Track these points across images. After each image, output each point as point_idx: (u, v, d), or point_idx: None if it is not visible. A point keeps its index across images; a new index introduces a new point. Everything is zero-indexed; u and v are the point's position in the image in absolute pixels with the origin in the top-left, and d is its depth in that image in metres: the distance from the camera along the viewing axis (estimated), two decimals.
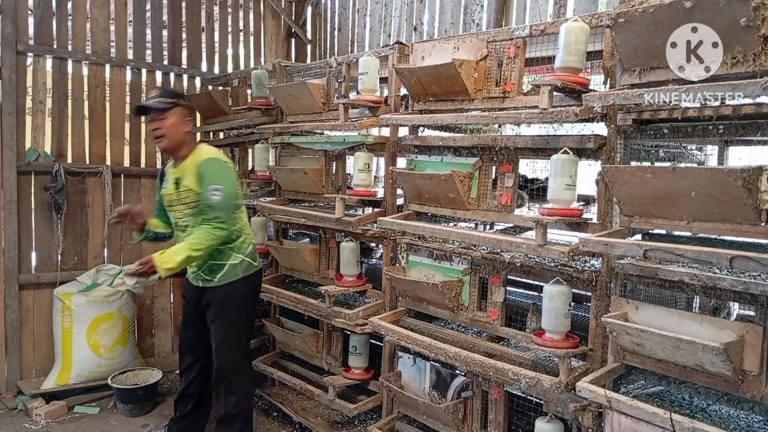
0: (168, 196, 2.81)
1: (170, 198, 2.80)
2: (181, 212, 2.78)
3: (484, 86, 2.40)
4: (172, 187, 2.78)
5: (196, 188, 2.68)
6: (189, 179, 2.71)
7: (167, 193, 2.81)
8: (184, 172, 2.74)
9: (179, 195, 2.76)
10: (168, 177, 2.84)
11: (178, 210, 2.79)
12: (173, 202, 2.79)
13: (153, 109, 2.67)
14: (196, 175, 2.68)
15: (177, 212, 2.80)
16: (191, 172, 2.70)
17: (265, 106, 3.70)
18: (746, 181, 1.50)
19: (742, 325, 1.64)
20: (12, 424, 3.47)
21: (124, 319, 3.89)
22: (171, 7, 4.49)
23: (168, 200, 2.82)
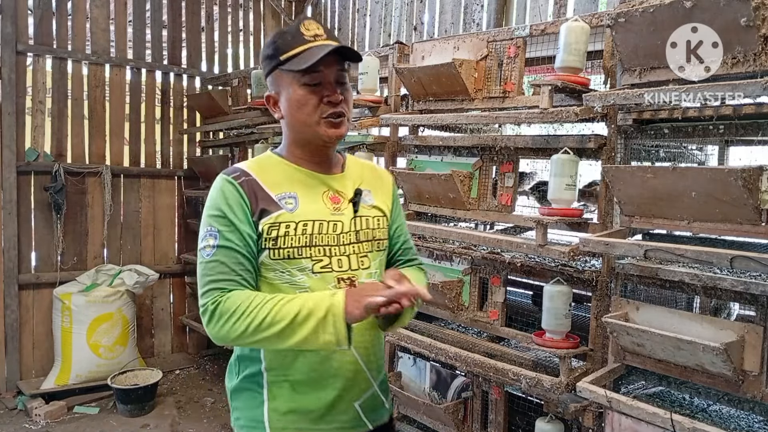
0: (321, 226, 1.31)
1: (331, 230, 1.32)
2: (358, 254, 1.35)
3: (484, 86, 2.40)
4: (336, 208, 1.34)
5: (389, 213, 1.45)
6: (380, 196, 1.44)
7: (318, 218, 1.31)
8: (360, 182, 1.41)
9: (359, 223, 1.36)
10: (301, 189, 1.33)
11: (349, 250, 1.33)
12: (340, 238, 1.32)
13: (354, 59, 1.35)
14: (390, 192, 1.49)
15: (342, 256, 1.32)
16: (377, 183, 1.45)
17: (265, 106, 3.69)
18: (746, 181, 1.50)
19: (743, 325, 1.64)
20: (12, 424, 3.47)
21: (124, 319, 3.89)
22: (171, 6, 4.49)
23: (321, 236, 1.30)
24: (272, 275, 1.27)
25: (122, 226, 4.32)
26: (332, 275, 1.28)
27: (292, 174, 1.34)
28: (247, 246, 1.24)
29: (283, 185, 1.31)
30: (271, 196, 1.28)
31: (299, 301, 1.19)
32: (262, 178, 1.30)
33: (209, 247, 1.24)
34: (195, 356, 4.65)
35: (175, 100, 4.61)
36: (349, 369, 1.31)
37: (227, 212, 1.25)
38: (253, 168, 1.33)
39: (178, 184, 4.62)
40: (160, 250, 4.54)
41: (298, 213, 1.28)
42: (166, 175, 4.55)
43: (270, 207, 1.27)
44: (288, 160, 1.36)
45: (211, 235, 1.25)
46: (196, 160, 4.56)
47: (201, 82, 4.68)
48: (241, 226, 1.24)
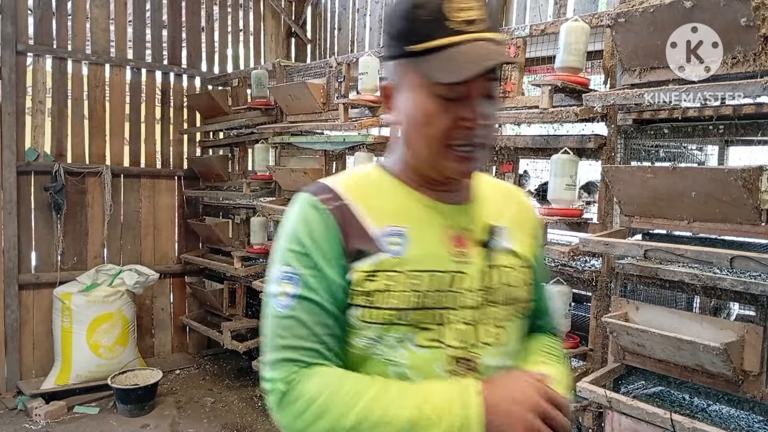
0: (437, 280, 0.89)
1: (450, 285, 0.90)
2: (487, 324, 0.93)
3: None
4: (461, 253, 0.92)
5: (532, 259, 1.03)
6: (521, 236, 1.02)
7: (434, 267, 0.89)
8: (495, 215, 0.99)
9: (493, 277, 0.94)
10: (414, 223, 0.92)
11: (474, 317, 0.91)
12: (463, 298, 0.90)
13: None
14: (533, 231, 1.06)
15: (461, 324, 0.90)
16: (518, 218, 1.03)
17: (265, 106, 3.70)
18: (746, 181, 1.50)
19: (743, 325, 1.64)
20: (12, 424, 3.47)
21: (124, 319, 3.89)
22: (171, 6, 4.49)
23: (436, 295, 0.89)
24: (358, 343, 0.88)
25: (122, 226, 4.32)
26: (443, 353, 0.87)
27: (403, 200, 0.93)
28: (335, 301, 0.87)
29: (389, 216, 0.90)
30: (370, 231, 0.88)
31: (413, 404, 0.80)
32: (362, 202, 0.91)
33: (285, 296, 0.87)
34: (195, 356, 4.65)
35: (175, 100, 4.61)
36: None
37: (312, 250, 0.87)
38: (349, 188, 0.93)
39: (178, 184, 4.62)
40: (160, 250, 4.54)
41: (408, 259, 0.87)
42: (166, 175, 4.55)
43: (368, 247, 0.87)
44: (400, 179, 0.95)
45: (288, 279, 0.88)
46: (196, 160, 4.56)
47: (201, 82, 4.68)
48: (330, 272, 0.87)
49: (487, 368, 0.89)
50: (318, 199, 0.91)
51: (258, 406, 3.78)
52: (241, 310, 4.09)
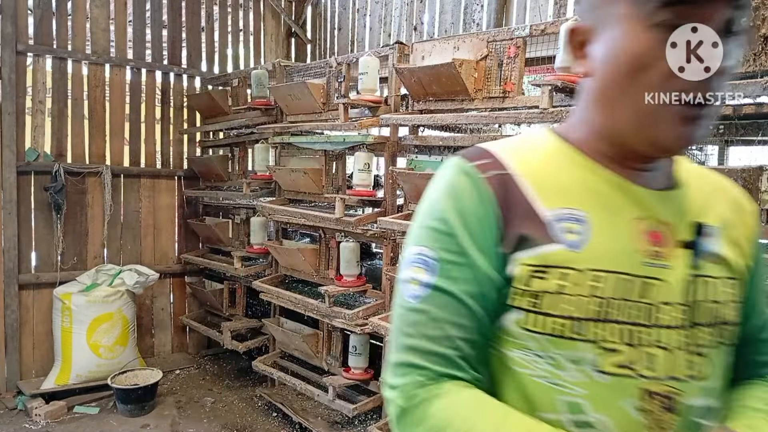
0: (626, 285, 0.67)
1: (641, 294, 0.67)
2: (688, 349, 0.68)
3: (484, 86, 2.40)
4: (656, 254, 0.69)
5: (746, 272, 0.77)
6: (732, 243, 0.75)
7: (622, 269, 0.67)
8: (704, 210, 0.75)
9: (699, 290, 0.70)
10: (596, 207, 0.70)
11: (672, 339, 0.68)
12: (657, 312, 0.67)
13: None
14: (752, 234, 0.79)
15: (656, 348, 0.67)
16: (733, 217, 0.77)
17: (265, 106, 3.70)
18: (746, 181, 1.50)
19: None
20: (12, 424, 3.47)
21: (124, 319, 3.89)
22: (171, 6, 4.49)
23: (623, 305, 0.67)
24: (515, 356, 0.69)
25: (122, 226, 4.32)
26: (634, 383, 0.66)
27: (584, 177, 0.71)
28: (482, 298, 0.68)
29: (565, 195, 0.70)
30: (540, 212, 0.68)
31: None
32: (530, 175, 0.71)
33: (417, 284, 0.70)
34: (195, 356, 4.65)
35: (175, 100, 4.61)
36: None
37: (459, 229, 0.68)
38: (514, 155, 0.73)
39: (178, 184, 4.62)
40: (161, 250, 4.54)
41: (588, 254, 0.67)
42: (166, 175, 4.55)
43: (536, 233, 0.68)
44: (580, 150, 0.73)
45: (423, 264, 0.70)
46: (196, 160, 4.56)
47: (201, 82, 4.68)
48: (479, 260, 0.68)
49: (689, 409, 0.67)
50: (473, 165, 0.71)
51: (258, 406, 3.78)
52: (241, 310, 4.10)
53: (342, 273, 3.09)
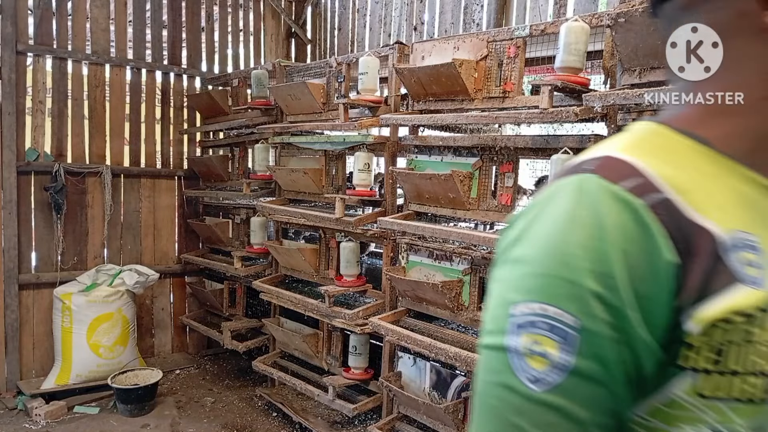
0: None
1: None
2: None
3: (484, 86, 2.40)
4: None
5: None
6: None
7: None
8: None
9: None
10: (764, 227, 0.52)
11: None
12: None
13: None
14: None
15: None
16: None
17: (265, 106, 3.70)
18: None
19: None
20: (12, 424, 3.47)
21: (124, 319, 3.89)
22: (171, 6, 4.49)
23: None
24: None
25: (122, 226, 4.32)
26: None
27: (739, 186, 0.55)
28: (630, 381, 0.49)
29: (731, 213, 0.52)
30: (711, 239, 0.50)
31: None
32: (686, 190, 0.51)
33: (544, 364, 0.48)
34: (195, 356, 4.65)
35: (175, 100, 4.61)
36: None
37: (612, 290, 0.47)
38: (658, 165, 0.52)
39: (178, 184, 4.62)
40: (161, 250, 4.55)
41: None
42: (166, 175, 4.55)
43: (718, 275, 0.49)
44: (726, 152, 0.55)
45: (552, 334, 0.48)
46: (196, 160, 4.56)
47: (201, 82, 4.68)
48: (642, 333, 0.48)
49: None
50: (623, 187, 0.49)
51: (258, 405, 3.78)
52: (241, 310, 4.10)
53: (342, 273, 3.09)
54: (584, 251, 0.47)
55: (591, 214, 0.48)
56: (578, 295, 0.47)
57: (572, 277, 0.47)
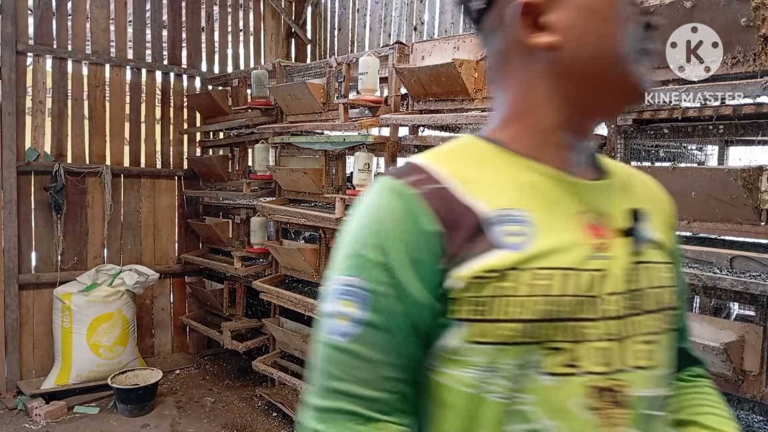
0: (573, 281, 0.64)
1: (588, 288, 0.64)
2: (635, 337, 0.67)
3: (484, 86, 2.40)
4: (600, 246, 0.67)
5: (672, 253, 0.78)
6: (659, 227, 0.76)
7: (570, 264, 0.64)
8: (632, 197, 0.75)
9: (641, 277, 0.69)
10: (539, 204, 0.67)
11: (619, 329, 0.66)
12: (603, 305, 0.65)
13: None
14: (671, 221, 0.83)
15: (603, 341, 0.65)
16: (651, 203, 0.78)
17: (265, 106, 3.70)
18: (746, 181, 1.50)
19: (743, 325, 1.64)
20: (12, 424, 3.47)
21: (124, 319, 3.89)
22: (171, 7, 4.49)
23: (571, 303, 0.63)
24: (466, 377, 0.63)
25: (122, 226, 4.32)
26: (580, 381, 0.63)
27: (523, 175, 0.69)
28: (417, 331, 0.63)
29: (503, 195, 0.67)
30: (480, 215, 0.64)
31: None
32: (466, 180, 0.67)
33: (346, 320, 0.63)
34: (195, 356, 4.65)
35: (175, 100, 4.61)
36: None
37: (394, 258, 0.63)
38: (449, 164, 0.69)
39: (178, 184, 4.62)
40: (161, 250, 4.55)
41: (530, 253, 0.63)
42: (166, 175, 4.55)
43: (478, 240, 0.63)
44: (515, 149, 0.70)
45: (353, 296, 0.64)
46: (196, 160, 4.56)
47: (201, 82, 4.68)
48: (414, 289, 0.62)
49: (640, 401, 0.65)
50: (404, 182, 0.65)
51: (258, 405, 3.78)
52: (241, 309, 4.10)
53: None
54: (368, 231, 0.65)
55: (375, 204, 0.66)
56: (365, 265, 0.63)
57: (362, 252, 0.64)
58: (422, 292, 0.62)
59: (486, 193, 0.66)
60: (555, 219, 0.66)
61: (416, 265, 0.62)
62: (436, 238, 0.63)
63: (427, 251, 0.62)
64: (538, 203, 0.66)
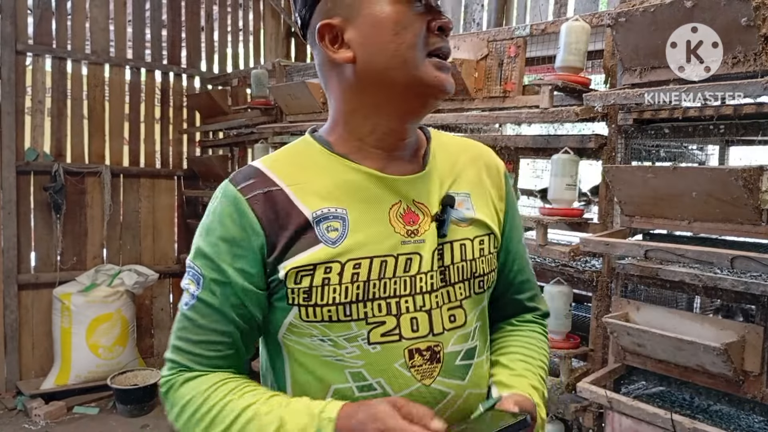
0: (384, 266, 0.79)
1: (402, 270, 0.80)
2: (446, 306, 0.84)
3: (484, 86, 2.40)
4: (411, 232, 0.82)
5: (499, 225, 0.93)
6: (487, 198, 0.91)
7: (379, 253, 0.79)
8: (452, 179, 0.89)
9: (449, 255, 0.84)
10: (355, 202, 0.81)
11: (431, 301, 0.82)
12: (416, 282, 0.81)
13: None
14: (503, 189, 0.95)
15: (418, 312, 0.81)
16: (482, 176, 0.92)
17: (265, 105, 3.69)
18: (747, 181, 1.50)
19: (743, 325, 1.64)
20: (11, 424, 3.47)
21: (123, 319, 3.89)
22: (170, 6, 4.49)
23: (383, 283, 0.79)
24: (308, 343, 0.80)
25: (122, 226, 4.32)
26: (400, 346, 0.78)
27: (342, 175, 0.81)
28: (242, 308, 0.80)
29: (325, 196, 0.79)
30: (305, 217, 0.78)
31: (272, 421, 0.73)
32: (297, 184, 0.80)
33: (188, 294, 0.82)
34: None
35: (175, 99, 4.61)
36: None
37: (218, 253, 0.79)
38: (280, 169, 0.82)
39: (177, 184, 4.61)
40: (160, 250, 4.54)
41: (346, 246, 0.77)
42: (166, 175, 4.55)
43: (302, 238, 0.77)
44: (337, 152, 0.83)
45: (193, 277, 0.82)
46: (196, 160, 4.56)
47: (201, 81, 4.68)
48: (237, 280, 0.78)
49: (451, 355, 0.82)
50: (238, 188, 0.80)
51: None
52: None
53: None
54: (206, 229, 0.82)
55: (214, 206, 0.82)
56: (202, 255, 0.80)
57: (200, 245, 0.81)
58: (246, 279, 0.79)
59: (311, 194, 0.80)
60: (369, 213, 0.80)
61: (239, 259, 0.78)
62: (258, 237, 0.78)
63: (249, 248, 0.78)
64: (356, 200, 0.80)
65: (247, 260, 0.79)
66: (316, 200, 0.79)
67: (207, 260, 0.80)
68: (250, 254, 0.78)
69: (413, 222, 0.81)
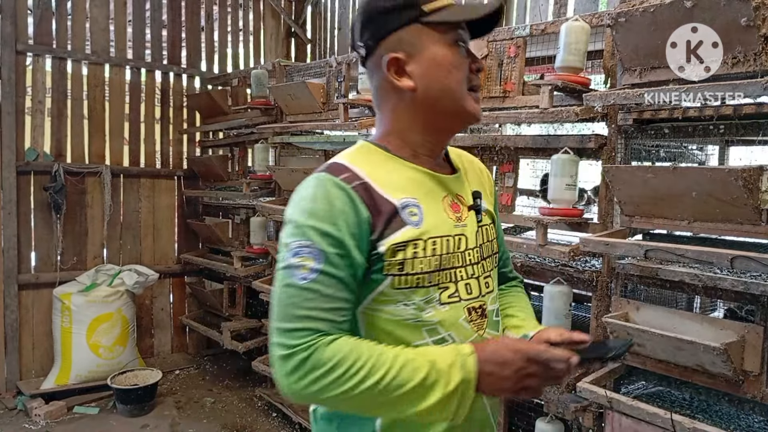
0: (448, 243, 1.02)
1: (456, 247, 1.04)
2: (483, 275, 1.09)
3: (484, 86, 2.40)
4: (458, 218, 1.06)
5: (495, 214, 1.21)
6: (486, 197, 1.16)
7: (444, 233, 1.02)
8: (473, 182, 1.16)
9: (482, 235, 1.11)
10: (421, 194, 1.03)
11: (476, 271, 1.07)
12: (465, 256, 1.05)
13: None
14: (492, 189, 1.23)
15: (469, 279, 1.06)
16: (480, 179, 1.19)
17: (265, 105, 3.70)
18: (747, 181, 1.50)
19: (743, 325, 1.64)
20: (11, 424, 3.47)
21: (124, 319, 3.89)
22: (170, 6, 4.49)
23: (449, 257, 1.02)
24: (392, 309, 0.97)
25: (122, 226, 4.32)
26: (461, 305, 1.01)
27: (409, 174, 1.02)
28: (355, 280, 0.95)
29: (401, 189, 0.99)
30: (393, 205, 0.96)
31: (423, 362, 0.89)
32: (377, 179, 0.98)
33: (307, 270, 0.91)
34: (195, 356, 4.65)
35: (175, 99, 4.61)
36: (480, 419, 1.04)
37: (338, 230, 0.92)
38: (362, 166, 0.99)
39: (177, 184, 4.61)
40: (160, 250, 4.54)
41: (425, 227, 0.98)
42: (166, 175, 4.55)
43: (393, 221, 0.96)
44: (399, 156, 1.04)
45: (310, 254, 0.91)
46: (196, 160, 4.56)
47: (201, 81, 4.68)
48: (355, 253, 0.93)
49: (491, 312, 1.07)
50: (340, 179, 0.96)
51: (258, 406, 3.78)
52: (240, 310, 4.09)
53: None
54: (323, 212, 0.93)
55: (323, 192, 0.94)
56: (319, 234, 0.92)
57: (317, 225, 0.92)
58: (359, 255, 0.93)
59: (390, 187, 0.98)
60: (432, 203, 1.01)
61: (355, 237, 0.93)
62: (367, 220, 0.94)
63: (362, 229, 0.94)
64: (421, 193, 1.01)
65: (361, 237, 0.94)
66: (396, 191, 0.98)
67: (328, 237, 0.92)
68: (362, 232, 0.94)
69: (457, 210, 1.05)
